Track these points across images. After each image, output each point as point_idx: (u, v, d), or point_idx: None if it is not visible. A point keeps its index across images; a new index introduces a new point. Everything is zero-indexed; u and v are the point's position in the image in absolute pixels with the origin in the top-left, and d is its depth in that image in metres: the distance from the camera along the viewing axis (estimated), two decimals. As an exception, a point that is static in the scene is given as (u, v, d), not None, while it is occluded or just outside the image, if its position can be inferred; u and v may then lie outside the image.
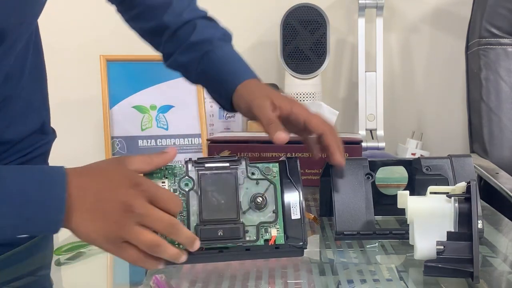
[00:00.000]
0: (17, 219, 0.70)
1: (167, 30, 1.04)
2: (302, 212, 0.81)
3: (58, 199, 0.71)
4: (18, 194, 0.70)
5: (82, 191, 0.72)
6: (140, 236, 0.71)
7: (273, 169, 0.81)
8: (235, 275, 0.79)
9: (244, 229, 0.78)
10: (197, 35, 1.03)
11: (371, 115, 1.86)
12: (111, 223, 0.71)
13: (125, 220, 0.70)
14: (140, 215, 0.70)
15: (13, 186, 0.70)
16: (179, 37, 1.04)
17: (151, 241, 0.71)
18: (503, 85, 1.74)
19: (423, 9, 1.98)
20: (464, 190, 0.78)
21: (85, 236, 0.72)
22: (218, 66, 1.00)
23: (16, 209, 0.69)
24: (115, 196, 0.71)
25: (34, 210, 0.70)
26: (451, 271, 0.75)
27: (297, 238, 0.80)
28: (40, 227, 0.72)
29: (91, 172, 0.74)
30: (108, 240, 0.71)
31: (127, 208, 0.70)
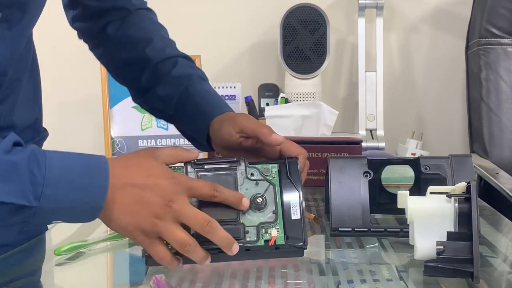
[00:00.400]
0: (58, 202, 0.71)
1: (148, 63, 1.04)
2: (302, 212, 0.80)
3: (101, 186, 0.72)
4: (60, 177, 0.71)
5: (124, 184, 0.73)
6: (175, 232, 0.73)
7: (272, 170, 0.81)
8: (235, 275, 0.79)
9: (245, 230, 0.78)
10: (178, 70, 1.03)
11: (371, 115, 1.86)
12: (150, 217, 0.72)
13: (164, 214, 0.72)
14: (178, 210, 0.73)
15: (56, 170, 0.71)
16: (160, 71, 1.03)
17: (184, 239, 0.73)
18: (503, 85, 1.74)
19: (423, 9, 1.98)
20: (464, 190, 0.78)
21: (121, 228, 0.74)
22: (198, 98, 1.01)
23: (59, 193, 0.70)
24: (156, 190, 0.73)
25: (76, 195, 0.71)
26: (451, 271, 0.75)
27: (297, 239, 0.79)
28: (79, 212, 0.73)
29: (129, 164, 0.76)
30: (143, 233, 0.73)
31: (166, 202, 0.73)
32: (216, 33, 2.00)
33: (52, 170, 0.71)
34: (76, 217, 0.74)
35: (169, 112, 1.03)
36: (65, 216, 0.74)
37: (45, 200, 0.70)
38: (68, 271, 0.86)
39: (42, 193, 0.70)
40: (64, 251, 0.88)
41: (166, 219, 0.73)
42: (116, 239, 0.93)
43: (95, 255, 0.90)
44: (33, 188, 0.69)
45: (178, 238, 0.73)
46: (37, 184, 0.70)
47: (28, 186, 0.69)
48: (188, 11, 2.00)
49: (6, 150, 0.70)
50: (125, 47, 1.06)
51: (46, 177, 0.70)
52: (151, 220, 0.73)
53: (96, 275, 0.86)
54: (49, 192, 0.70)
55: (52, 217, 0.73)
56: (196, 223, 0.74)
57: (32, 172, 0.70)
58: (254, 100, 1.81)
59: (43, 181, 0.70)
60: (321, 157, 1.24)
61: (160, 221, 0.73)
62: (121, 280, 0.86)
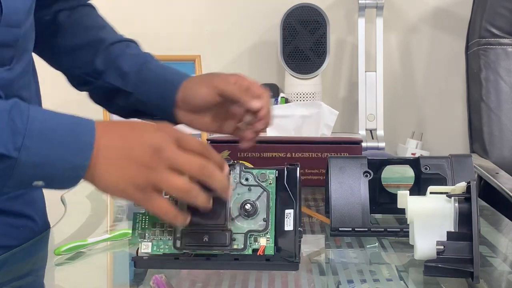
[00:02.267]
0: (40, 156, 0.68)
1: (102, 44, 1.02)
2: (296, 224, 0.76)
3: (86, 143, 0.69)
4: (43, 131, 0.68)
5: (109, 140, 0.70)
6: (171, 180, 0.69)
7: (270, 176, 0.77)
8: (235, 275, 0.79)
9: (231, 237, 0.75)
10: (133, 50, 1.03)
11: (371, 115, 1.86)
12: (141, 168, 0.68)
13: (155, 163, 0.68)
14: (170, 157, 0.69)
15: (39, 123, 0.68)
16: (115, 52, 1.02)
17: (183, 185, 0.69)
18: (503, 85, 1.74)
19: (423, 9, 1.99)
20: (464, 190, 0.78)
21: (111, 187, 0.70)
22: (159, 70, 1.00)
23: (41, 146, 0.68)
24: (143, 141, 0.70)
25: (59, 152, 0.68)
26: (451, 271, 0.75)
27: (288, 251, 0.75)
28: (61, 171, 0.69)
29: (116, 123, 0.74)
30: (137, 188, 0.69)
31: (156, 150, 0.69)
32: (216, 33, 2.00)
33: (35, 122, 0.68)
34: (59, 178, 0.70)
35: (128, 89, 1.00)
36: (46, 176, 0.70)
37: (25, 152, 0.67)
38: (68, 271, 0.86)
39: (22, 144, 0.67)
40: (64, 251, 0.88)
41: (158, 168, 0.68)
42: (116, 239, 0.93)
43: (95, 255, 0.90)
44: (13, 137, 0.66)
45: (177, 185, 0.69)
46: (17, 133, 0.67)
47: (8, 135, 0.66)
48: (188, 11, 2.00)
49: None
50: (77, 32, 1.04)
51: (28, 128, 0.67)
52: (143, 172, 0.68)
53: (96, 275, 0.86)
54: (30, 144, 0.67)
55: (33, 174, 0.69)
56: (192, 168, 0.69)
57: (14, 120, 0.67)
58: (254, 100, 1.80)
59: (25, 132, 0.67)
60: (321, 157, 1.24)
61: (152, 171, 0.68)
62: (121, 280, 0.86)
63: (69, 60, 1.05)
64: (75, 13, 1.06)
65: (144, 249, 0.77)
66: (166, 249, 0.76)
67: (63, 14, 1.05)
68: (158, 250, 0.76)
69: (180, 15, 1.99)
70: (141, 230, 0.77)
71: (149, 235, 0.77)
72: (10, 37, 0.82)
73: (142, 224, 0.77)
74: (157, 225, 0.77)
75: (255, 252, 0.75)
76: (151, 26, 1.97)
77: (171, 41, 1.97)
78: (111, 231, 0.94)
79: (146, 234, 0.77)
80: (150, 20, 1.97)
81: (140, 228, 0.77)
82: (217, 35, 2.00)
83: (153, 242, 0.77)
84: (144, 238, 0.77)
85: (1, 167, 0.67)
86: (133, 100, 1.01)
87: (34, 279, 0.83)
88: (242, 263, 0.76)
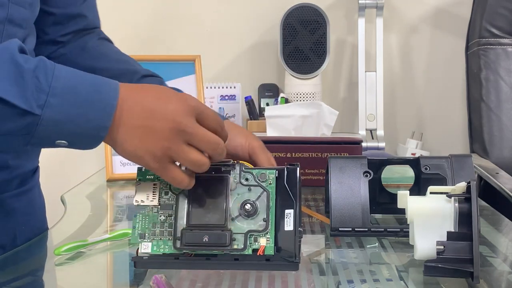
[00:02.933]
0: (62, 114, 0.68)
1: (136, 75, 1.05)
2: (296, 224, 0.76)
3: (109, 104, 0.70)
4: (67, 89, 0.69)
5: (132, 105, 0.71)
6: (188, 154, 0.71)
7: (270, 176, 0.77)
8: (235, 274, 0.79)
9: (231, 237, 0.75)
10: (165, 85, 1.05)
11: (371, 115, 1.86)
12: (160, 140, 0.71)
13: (174, 137, 0.71)
14: (189, 133, 0.71)
15: (64, 81, 0.69)
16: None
17: (198, 159, 0.72)
18: (503, 85, 1.74)
19: (423, 9, 1.98)
20: (464, 190, 0.78)
21: (130, 153, 0.72)
22: None
23: (64, 104, 0.68)
24: (165, 113, 0.71)
25: (82, 110, 0.69)
26: (451, 271, 0.75)
27: (289, 251, 0.75)
28: (83, 131, 0.70)
29: (140, 87, 0.74)
30: (155, 158, 0.71)
31: (176, 125, 0.71)
32: (216, 33, 2.00)
33: (59, 80, 0.69)
34: (81, 137, 0.71)
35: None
36: (69, 135, 0.70)
37: (49, 110, 0.68)
38: (68, 271, 0.86)
39: (46, 102, 0.68)
40: (64, 251, 0.88)
41: (177, 142, 0.71)
42: (116, 239, 0.93)
43: (95, 255, 0.90)
44: (37, 95, 0.67)
45: (193, 160, 0.72)
46: (42, 91, 0.68)
47: (33, 92, 0.67)
48: (188, 11, 2.00)
49: (12, 53, 0.68)
50: (111, 60, 1.07)
51: (52, 86, 0.68)
52: (161, 143, 0.71)
53: (96, 275, 0.86)
54: (54, 102, 0.68)
55: (55, 132, 0.70)
56: (208, 146, 0.72)
57: (38, 78, 0.68)
58: (254, 100, 1.81)
59: (49, 90, 0.68)
60: (321, 157, 1.24)
61: (171, 143, 0.71)
62: (121, 280, 0.86)
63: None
64: (105, 44, 1.10)
65: (144, 249, 0.77)
66: (166, 249, 0.76)
67: (93, 43, 1.08)
68: (158, 250, 0.76)
69: (180, 15, 1.99)
70: (141, 230, 0.77)
71: (149, 235, 0.77)
72: (20, 15, 0.85)
73: (142, 224, 0.77)
74: (157, 225, 0.77)
75: (255, 252, 0.75)
76: (151, 26, 1.97)
77: (171, 41, 1.97)
78: (111, 231, 0.94)
79: (146, 234, 0.77)
80: (150, 20, 1.97)
81: (140, 228, 0.77)
82: (217, 35, 2.00)
83: (153, 242, 0.77)
84: (144, 238, 0.77)
85: (24, 124, 0.68)
86: None
87: (34, 279, 0.83)
88: (242, 263, 0.76)
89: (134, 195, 0.78)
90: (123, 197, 1.29)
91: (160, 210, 0.77)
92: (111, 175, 1.37)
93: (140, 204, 0.77)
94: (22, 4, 0.85)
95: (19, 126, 0.68)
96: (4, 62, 0.67)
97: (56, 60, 1.07)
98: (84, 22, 1.08)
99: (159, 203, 0.77)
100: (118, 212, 1.19)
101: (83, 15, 1.08)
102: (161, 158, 0.71)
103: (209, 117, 0.74)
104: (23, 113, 0.67)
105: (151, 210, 0.77)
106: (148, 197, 0.77)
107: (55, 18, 1.04)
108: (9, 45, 0.69)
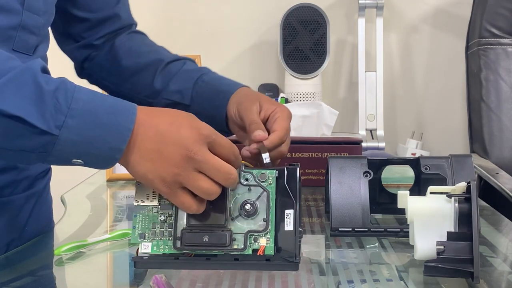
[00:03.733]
0: (80, 135, 0.70)
1: (160, 64, 1.07)
2: (297, 224, 0.76)
3: (125, 128, 0.72)
4: (86, 111, 0.70)
5: (147, 129, 0.73)
6: (198, 182, 0.73)
7: (270, 176, 0.77)
8: (235, 275, 0.79)
9: (231, 237, 0.75)
10: (189, 66, 1.07)
11: (371, 115, 1.86)
12: (171, 166, 0.72)
13: (184, 165, 0.72)
14: (200, 161, 0.72)
15: (82, 103, 0.70)
16: (172, 70, 1.06)
17: (208, 188, 0.73)
18: (503, 85, 1.74)
19: (423, 9, 1.99)
20: (464, 190, 0.78)
21: (141, 175, 0.74)
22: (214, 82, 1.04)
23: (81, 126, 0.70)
24: (177, 139, 0.72)
25: (98, 132, 0.70)
26: (451, 271, 0.75)
27: (288, 251, 0.75)
28: (99, 152, 0.71)
29: (157, 111, 0.76)
30: (164, 183, 0.73)
31: (187, 152, 0.72)
32: (216, 33, 2.00)
33: (79, 102, 0.70)
34: (96, 157, 0.72)
35: (186, 103, 1.04)
36: (85, 155, 0.72)
37: (66, 131, 0.69)
38: (68, 271, 0.86)
39: (64, 122, 0.69)
40: (64, 251, 0.88)
41: (187, 169, 0.72)
42: (116, 239, 0.93)
43: (95, 255, 0.90)
44: (56, 116, 0.69)
45: (202, 188, 0.73)
46: (60, 112, 0.69)
47: (51, 112, 0.69)
48: (188, 11, 2.00)
49: (35, 73, 0.70)
50: (136, 56, 1.09)
51: (71, 107, 0.69)
52: (172, 169, 0.72)
53: (96, 275, 0.86)
54: (72, 123, 0.69)
55: (72, 151, 0.71)
56: (219, 174, 0.73)
57: (58, 99, 0.69)
58: (254, 100, 1.81)
59: (67, 111, 0.69)
60: (321, 157, 1.24)
61: (181, 170, 0.72)
62: (121, 280, 0.86)
63: (131, 85, 1.09)
64: (132, 38, 1.11)
65: (144, 249, 0.77)
66: (166, 249, 0.76)
67: (120, 40, 1.10)
68: (158, 250, 0.76)
69: (180, 15, 1.99)
70: (141, 230, 0.77)
71: (149, 235, 0.77)
72: (33, 22, 0.86)
73: (142, 224, 0.77)
74: (157, 225, 0.77)
75: (255, 252, 0.75)
76: (152, 26, 1.97)
77: (171, 41, 1.97)
78: (111, 231, 0.94)
79: (146, 234, 0.77)
80: (150, 20, 1.97)
81: (140, 228, 0.77)
82: (217, 35, 2.00)
83: (153, 242, 0.77)
84: (144, 238, 0.77)
85: (42, 142, 0.70)
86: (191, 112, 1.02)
87: (34, 279, 0.83)
88: (242, 263, 0.76)
89: (134, 195, 0.78)
90: (123, 197, 1.29)
91: (160, 210, 0.77)
92: (111, 175, 1.37)
93: (140, 204, 0.77)
94: (36, 11, 0.87)
95: (36, 144, 0.70)
96: (27, 82, 0.69)
97: (90, 63, 1.09)
98: (118, 23, 1.10)
99: (159, 203, 0.77)
100: (118, 212, 1.19)
101: (118, 15, 1.10)
102: (171, 183, 0.73)
103: (222, 145, 0.75)
104: (41, 133, 0.69)
105: (151, 210, 0.78)
106: (148, 197, 0.77)
107: (90, 23, 1.07)
108: (32, 65, 0.71)
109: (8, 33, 0.83)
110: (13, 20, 0.84)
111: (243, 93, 1.01)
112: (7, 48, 0.83)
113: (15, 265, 0.87)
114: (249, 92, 1.02)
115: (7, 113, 0.67)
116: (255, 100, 0.97)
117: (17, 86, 0.68)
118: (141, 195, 0.77)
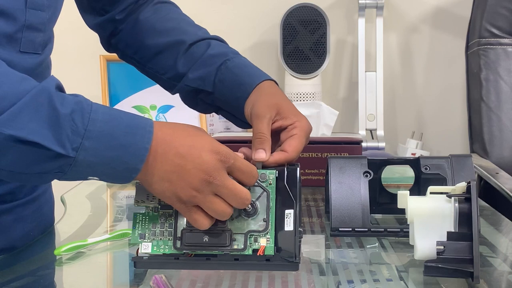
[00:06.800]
0: (96, 157, 0.69)
1: (183, 45, 1.02)
2: (297, 224, 0.76)
3: (142, 148, 0.71)
4: (102, 132, 0.70)
5: (167, 150, 0.72)
6: (213, 205, 0.73)
7: (270, 176, 0.77)
8: (235, 274, 0.79)
9: (231, 237, 0.75)
10: (213, 50, 1.02)
11: (371, 115, 1.86)
12: (189, 189, 0.72)
13: (202, 188, 0.72)
14: (218, 186, 0.72)
15: (99, 124, 0.70)
16: (195, 53, 1.02)
17: (222, 210, 0.74)
18: (503, 85, 1.74)
19: (423, 9, 1.99)
20: (464, 190, 0.78)
21: (160, 193, 0.74)
22: (236, 71, 0.99)
23: (98, 148, 0.69)
24: (197, 163, 0.72)
25: (115, 153, 0.70)
26: (451, 271, 0.75)
27: (288, 251, 0.75)
28: (115, 171, 0.71)
29: (176, 131, 0.75)
30: (180, 201, 0.73)
31: (206, 176, 0.72)
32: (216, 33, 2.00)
33: (95, 123, 0.70)
34: (113, 176, 0.72)
35: (208, 89, 1.00)
36: (101, 174, 0.72)
37: (83, 153, 0.69)
38: (68, 271, 0.86)
39: (81, 144, 0.68)
40: (64, 251, 0.88)
41: (205, 192, 0.72)
42: (116, 239, 0.93)
43: (95, 255, 0.90)
44: (72, 138, 0.68)
45: (217, 210, 0.73)
46: (77, 134, 0.68)
47: (68, 135, 0.68)
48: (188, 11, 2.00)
49: (50, 95, 0.69)
50: (159, 33, 1.04)
51: (88, 129, 0.69)
52: (189, 192, 0.72)
53: (96, 275, 0.86)
54: (88, 145, 0.69)
55: (88, 171, 0.71)
56: (235, 199, 0.74)
57: (74, 121, 0.69)
58: (254, 100, 1.80)
59: (84, 133, 0.69)
60: (321, 157, 1.24)
61: (198, 193, 0.72)
62: (121, 280, 0.86)
63: (154, 65, 1.05)
64: (157, 11, 1.06)
65: (144, 249, 0.77)
66: (166, 249, 0.76)
67: (145, 14, 1.05)
68: (158, 250, 0.76)
69: (180, 15, 1.99)
70: (141, 230, 0.77)
71: (149, 235, 0.77)
72: (38, 19, 0.85)
73: (142, 224, 0.77)
74: (157, 225, 0.77)
75: (255, 252, 0.75)
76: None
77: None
78: (111, 231, 0.94)
79: (146, 234, 0.77)
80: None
81: (140, 228, 0.77)
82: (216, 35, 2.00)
83: (153, 242, 0.77)
84: (144, 238, 0.77)
85: (58, 165, 0.69)
86: (214, 99, 1.01)
87: (34, 279, 0.83)
88: (242, 263, 0.76)
89: (134, 195, 0.78)
90: (123, 197, 1.29)
91: (160, 210, 0.77)
92: (111, 175, 1.37)
93: (140, 204, 0.77)
94: (39, 8, 0.85)
95: (53, 166, 0.69)
96: (42, 105, 0.68)
97: (116, 39, 1.06)
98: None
99: (159, 203, 0.77)
100: (118, 212, 1.19)
101: None
102: (187, 202, 0.73)
103: (241, 170, 0.75)
104: (58, 156, 0.68)
105: (151, 210, 0.78)
106: (148, 197, 0.77)
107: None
108: (47, 85, 0.70)
109: (14, 36, 0.82)
110: (17, 22, 0.82)
111: (264, 91, 0.94)
112: (14, 50, 0.82)
113: (15, 265, 0.87)
114: (270, 91, 0.95)
115: (23, 139, 0.67)
116: (272, 106, 0.90)
117: (33, 110, 0.68)
118: (141, 195, 0.77)
